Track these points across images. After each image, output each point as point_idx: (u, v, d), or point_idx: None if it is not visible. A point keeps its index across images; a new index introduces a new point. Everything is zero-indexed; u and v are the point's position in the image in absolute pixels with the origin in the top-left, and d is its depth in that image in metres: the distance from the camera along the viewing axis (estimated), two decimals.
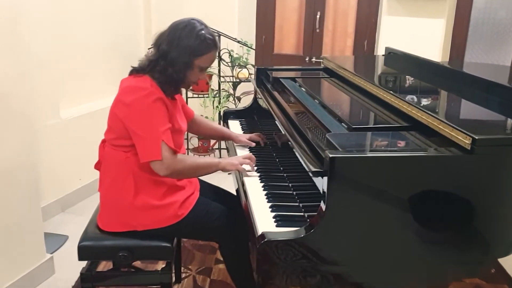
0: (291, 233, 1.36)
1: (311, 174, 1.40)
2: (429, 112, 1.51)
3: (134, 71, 1.82)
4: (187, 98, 3.82)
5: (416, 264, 1.43)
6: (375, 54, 4.22)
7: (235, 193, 2.08)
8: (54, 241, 2.85)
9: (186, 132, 2.05)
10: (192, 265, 2.62)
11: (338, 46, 4.45)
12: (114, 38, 3.45)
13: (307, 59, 4.50)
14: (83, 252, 1.83)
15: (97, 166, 1.93)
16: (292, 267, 1.37)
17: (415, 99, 1.78)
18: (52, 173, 3.03)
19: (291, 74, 2.60)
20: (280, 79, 2.39)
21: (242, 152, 2.12)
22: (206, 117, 3.76)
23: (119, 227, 1.84)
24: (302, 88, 2.22)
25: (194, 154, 3.84)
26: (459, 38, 3.96)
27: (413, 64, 2.46)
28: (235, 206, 1.92)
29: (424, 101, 1.78)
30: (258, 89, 2.45)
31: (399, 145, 1.47)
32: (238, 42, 3.76)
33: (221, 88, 3.84)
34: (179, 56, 1.76)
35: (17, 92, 2.15)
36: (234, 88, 3.91)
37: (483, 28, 3.93)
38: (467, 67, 2.89)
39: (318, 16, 4.37)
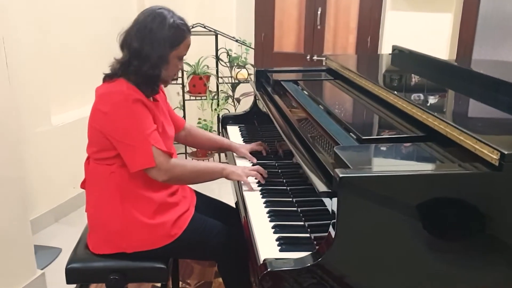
0: (297, 261, 1.21)
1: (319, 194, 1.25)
2: (448, 121, 1.36)
3: (107, 77, 1.67)
4: (184, 100, 3.67)
5: None
6: (379, 51, 4.06)
7: (233, 205, 1.94)
8: (47, 254, 2.72)
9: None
10: (191, 279, 2.48)
11: (340, 43, 4.28)
12: (106, 41, 3.26)
13: (308, 57, 4.34)
14: (71, 275, 1.69)
15: (83, 184, 1.78)
16: None
17: (429, 105, 1.63)
18: (44, 182, 2.89)
19: (293, 76, 2.44)
20: (281, 82, 2.24)
21: (241, 163, 1.97)
22: (205, 121, 3.62)
23: (108, 249, 1.70)
24: (305, 92, 2.07)
25: (192, 158, 3.70)
26: (466, 33, 3.79)
27: (422, 64, 2.30)
28: (234, 221, 1.79)
29: (439, 107, 1.63)
30: (257, 93, 2.30)
31: (417, 159, 1.32)
32: (236, 41, 3.60)
33: (219, 90, 3.68)
34: (153, 51, 1.60)
35: None
36: (233, 90, 3.76)
37: (492, 23, 3.76)
38: (477, 66, 2.73)
39: (319, 12, 4.20)
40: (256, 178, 1.76)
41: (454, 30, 3.72)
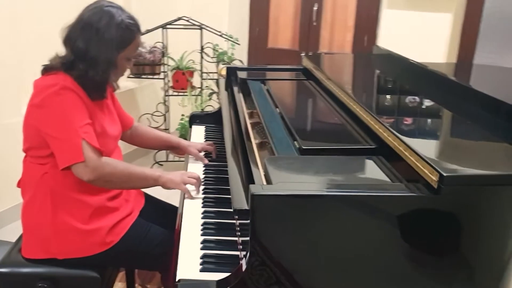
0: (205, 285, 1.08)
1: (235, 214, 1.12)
2: (395, 133, 1.21)
3: (45, 70, 1.56)
4: (165, 96, 3.55)
5: None
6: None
7: None
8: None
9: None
10: (151, 284, 2.36)
11: (336, 40, 4.12)
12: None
13: (303, 54, 4.18)
14: None
15: (19, 183, 1.67)
16: None
17: (386, 113, 1.48)
18: (12, 176, 2.80)
19: (262, 75, 2.30)
20: (248, 81, 2.10)
21: (194, 167, 1.84)
22: (187, 117, 3.49)
23: (38, 254, 1.58)
24: (267, 93, 1.92)
25: (174, 156, 3.58)
26: (469, 35, 3.60)
27: (400, 67, 2.14)
28: None
29: (399, 118, 1.47)
30: (224, 92, 2.17)
31: (353, 176, 1.17)
32: (221, 35, 3.46)
33: (203, 86, 3.55)
34: (100, 54, 1.49)
35: None
36: (219, 86, 3.61)
37: (496, 24, 3.56)
38: (476, 71, 2.54)
39: (315, 8, 4.04)
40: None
41: (454, 31, 3.54)
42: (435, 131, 1.39)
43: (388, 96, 1.75)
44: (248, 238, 1.15)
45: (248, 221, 1.00)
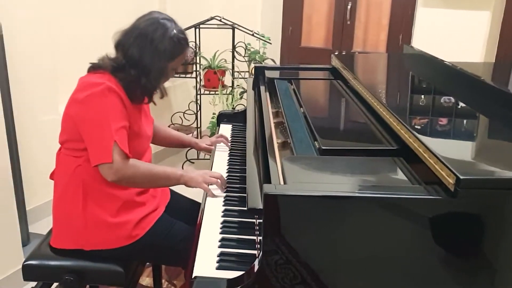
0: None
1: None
2: (415, 134, 1.19)
3: (92, 68, 1.62)
4: (197, 95, 3.59)
5: None
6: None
7: None
8: None
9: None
10: (178, 280, 2.40)
11: (370, 39, 4.06)
12: (119, 28, 3.26)
13: (336, 53, 4.15)
14: (27, 272, 1.64)
15: (52, 175, 1.73)
16: None
17: (410, 115, 1.45)
18: (47, 171, 2.90)
19: (290, 74, 2.29)
20: (275, 80, 2.10)
21: (219, 165, 1.86)
22: (214, 114, 3.52)
23: (67, 244, 1.64)
24: (294, 92, 1.92)
25: (205, 155, 3.61)
26: (508, 33, 3.48)
27: (430, 67, 2.09)
28: None
29: (423, 119, 1.44)
30: (251, 92, 2.17)
31: (371, 177, 1.16)
32: (253, 34, 3.46)
33: (234, 85, 3.57)
34: (154, 64, 1.58)
35: None
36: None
37: None
38: None
39: (349, 7, 4.00)
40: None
41: (492, 30, 3.43)
42: (459, 133, 1.35)
43: (413, 97, 1.72)
44: None
45: None
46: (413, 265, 1.06)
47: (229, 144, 2.07)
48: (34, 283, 1.72)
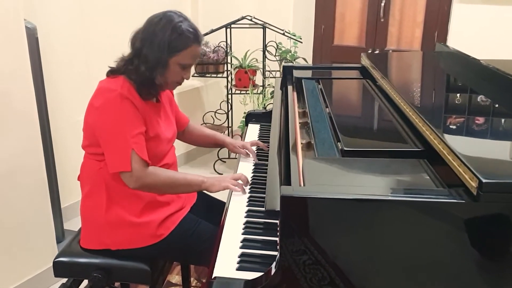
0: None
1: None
2: (440, 135, 1.16)
3: (110, 72, 1.64)
4: (228, 94, 3.61)
5: None
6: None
7: None
8: None
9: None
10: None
11: (405, 37, 3.98)
12: None
13: (369, 51, 4.08)
14: (58, 269, 1.69)
15: (79, 177, 1.77)
16: None
17: (436, 115, 1.41)
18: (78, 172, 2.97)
19: (322, 74, 2.27)
20: (302, 80, 2.08)
21: (245, 166, 1.86)
22: (245, 113, 3.52)
23: (94, 245, 1.68)
24: (321, 92, 1.90)
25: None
26: None
27: (464, 67, 2.02)
28: None
29: (450, 120, 1.40)
30: (279, 91, 2.16)
31: (390, 179, 1.13)
32: (284, 33, 3.45)
33: (265, 84, 3.56)
34: (151, 53, 1.55)
35: (16, 91, 2.05)
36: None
37: None
38: None
39: (383, 4, 3.92)
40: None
41: None
42: (487, 135, 1.30)
43: (441, 96, 1.67)
44: None
45: None
46: (437, 267, 1.03)
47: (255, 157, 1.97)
48: (65, 279, 1.77)
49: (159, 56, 1.55)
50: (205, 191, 1.68)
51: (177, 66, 1.59)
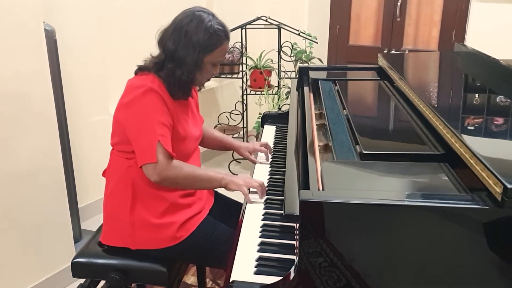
0: None
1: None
2: (462, 138, 1.14)
3: (139, 70, 1.66)
4: (243, 95, 3.60)
5: None
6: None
7: None
8: None
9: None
10: (222, 280, 2.42)
11: (421, 36, 3.94)
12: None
13: (385, 51, 4.05)
14: (76, 269, 1.70)
15: (104, 173, 1.79)
16: None
17: (457, 118, 1.39)
18: (98, 170, 3.00)
19: (339, 74, 2.26)
20: (319, 81, 2.07)
21: (261, 169, 1.85)
22: (260, 114, 3.52)
23: (116, 241, 1.69)
24: (338, 93, 1.89)
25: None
26: None
27: (483, 68, 1.99)
28: None
29: (472, 122, 1.38)
30: (295, 92, 2.16)
31: (410, 183, 1.12)
32: (299, 34, 3.44)
33: (280, 85, 3.55)
34: (187, 55, 1.56)
35: (35, 92, 2.07)
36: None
37: None
38: None
39: (399, 3, 3.89)
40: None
41: None
42: (511, 138, 1.28)
43: (461, 98, 1.65)
44: None
45: None
46: (457, 275, 1.02)
47: (270, 155, 1.98)
48: (82, 280, 1.78)
49: (195, 58, 1.57)
50: (223, 188, 1.68)
51: (209, 64, 1.62)
